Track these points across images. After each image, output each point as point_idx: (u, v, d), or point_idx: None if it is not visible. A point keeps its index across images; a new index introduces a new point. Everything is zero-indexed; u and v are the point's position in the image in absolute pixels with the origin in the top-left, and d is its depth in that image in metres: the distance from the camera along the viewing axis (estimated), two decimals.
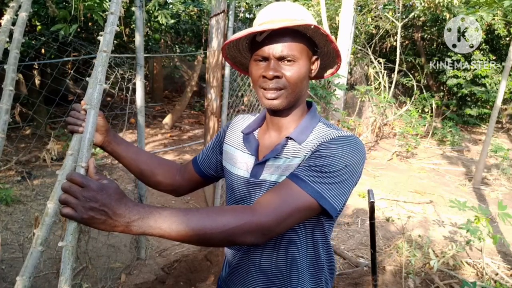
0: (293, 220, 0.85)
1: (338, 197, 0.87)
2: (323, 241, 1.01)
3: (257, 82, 0.95)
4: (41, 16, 4.68)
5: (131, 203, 0.76)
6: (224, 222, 0.78)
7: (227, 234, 0.79)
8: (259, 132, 1.07)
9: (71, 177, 0.74)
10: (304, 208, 0.85)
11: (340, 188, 0.87)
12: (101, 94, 0.89)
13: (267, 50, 0.91)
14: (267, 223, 0.81)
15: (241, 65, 1.12)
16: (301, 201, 0.84)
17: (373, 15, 8.89)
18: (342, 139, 0.91)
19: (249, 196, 1.01)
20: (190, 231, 0.77)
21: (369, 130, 7.20)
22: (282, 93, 0.93)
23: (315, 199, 0.85)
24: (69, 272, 0.73)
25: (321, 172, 0.86)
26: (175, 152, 6.16)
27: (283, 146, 0.97)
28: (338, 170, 0.87)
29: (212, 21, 3.67)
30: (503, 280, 2.85)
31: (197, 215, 0.78)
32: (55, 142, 2.75)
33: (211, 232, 0.78)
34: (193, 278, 2.77)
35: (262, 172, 0.98)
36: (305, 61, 0.94)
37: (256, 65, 0.95)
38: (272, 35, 0.91)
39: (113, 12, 0.93)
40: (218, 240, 0.79)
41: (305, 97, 1.02)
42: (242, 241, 0.81)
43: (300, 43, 0.92)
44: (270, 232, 0.83)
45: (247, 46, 1.03)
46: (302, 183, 0.85)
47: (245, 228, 0.80)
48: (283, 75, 0.92)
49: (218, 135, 1.18)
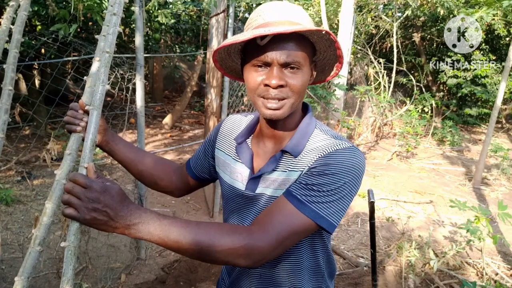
0: (290, 242, 0.84)
1: (336, 214, 0.85)
2: (323, 249, 1.00)
3: (256, 91, 0.87)
4: (41, 16, 4.68)
5: (133, 205, 0.76)
6: (221, 242, 0.78)
7: (222, 255, 0.79)
8: (252, 140, 1.02)
9: (74, 177, 0.74)
10: (301, 230, 0.84)
11: (338, 205, 0.85)
12: (103, 95, 0.89)
13: (270, 55, 0.83)
14: (263, 248, 0.81)
15: (228, 68, 1.03)
16: (298, 223, 0.83)
17: (373, 15, 8.89)
18: (340, 153, 0.86)
19: (245, 209, 0.99)
20: (186, 245, 0.77)
21: (369, 130, 7.20)
22: (285, 103, 0.87)
23: (312, 219, 0.83)
24: (71, 272, 0.73)
25: (319, 191, 0.83)
26: (175, 152, 6.15)
27: (278, 159, 0.93)
28: (336, 188, 0.84)
29: (212, 21, 3.67)
30: (503, 280, 2.85)
31: (196, 230, 0.78)
32: (55, 142, 2.75)
33: (208, 250, 0.78)
34: (193, 278, 2.77)
35: (258, 185, 0.95)
36: (308, 68, 0.89)
37: (255, 71, 0.87)
38: (276, 39, 0.83)
39: (115, 13, 0.93)
40: (212, 259, 0.80)
41: (301, 103, 0.97)
42: (235, 264, 0.81)
43: (304, 48, 0.86)
44: (265, 257, 0.82)
45: (240, 48, 0.95)
46: (299, 204, 0.83)
47: (240, 252, 0.79)
48: (287, 83, 0.85)
49: (209, 139, 1.14)
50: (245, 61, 0.91)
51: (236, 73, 1.06)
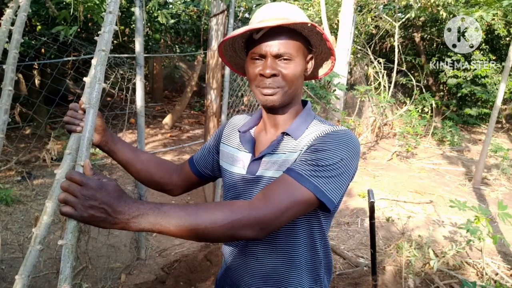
0: (292, 214, 0.85)
1: (335, 190, 0.88)
2: (321, 237, 1.01)
3: (254, 81, 0.97)
4: (41, 16, 4.69)
5: (130, 200, 0.76)
6: (223, 217, 0.79)
7: (226, 229, 0.79)
8: (255, 130, 1.09)
9: (70, 175, 0.74)
10: (302, 202, 0.85)
11: (337, 181, 0.88)
12: (100, 93, 0.89)
13: (264, 47, 0.93)
14: (265, 217, 0.82)
15: (236, 65, 1.13)
16: (299, 194, 0.85)
17: (373, 15, 8.89)
18: (336, 133, 0.93)
19: (245, 193, 1.01)
20: (189, 226, 0.77)
21: (369, 130, 7.20)
22: (279, 90, 0.95)
23: (312, 192, 0.85)
24: (69, 270, 0.73)
25: (317, 166, 0.87)
26: (175, 152, 6.16)
27: (279, 141, 0.99)
28: (333, 163, 0.88)
29: (212, 21, 3.67)
30: (503, 280, 2.85)
31: (196, 210, 0.79)
32: (55, 142, 2.75)
33: (211, 227, 0.78)
34: (193, 278, 2.77)
35: (259, 168, 0.99)
36: (301, 59, 0.96)
37: (253, 63, 0.96)
38: (269, 33, 0.92)
39: (111, 12, 0.93)
40: (217, 235, 0.80)
41: (300, 95, 1.04)
42: (241, 236, 0.81)
43: (297, 41, 0.94)
44: (269, 225, 0.83)
45: (243, 46, 1.04)
46: (299, 177, 0.86)
47: (244, 222, 0.80)
48: (280, 73, 0.93)
49: (215, 135, 1.19)
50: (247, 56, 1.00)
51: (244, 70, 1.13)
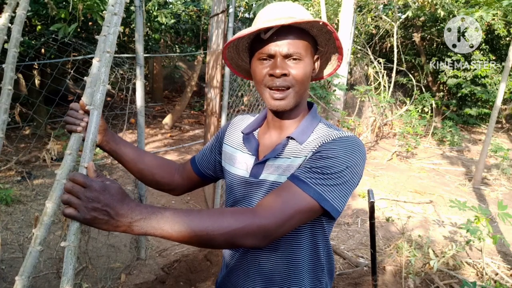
0: (295, 222, 0.84)
1: (339, 198, 0.87)
2: (324, 241, 1.00)
3: (263, 81, 0.94)
4: (41, 16, 4.68)
5: (133, 203, 0.76)
6: (225, 224, 0.78)
7: (228, 236, 0.79)
8: (259, 132, 1.07)
9: (73, 177, 0.74)
10: (306, 210, 0.84)
11: (342, 189, 0.87)
12: (104, 94, 0.89)
13: (273, 47, 0.91)
14: (268, 226, 0.81)
15: (238, 67, 1.10)
16: (303, 203, 0.84)
17: (373, 15, 8.89)
18: (343, 140, 0.91)
19: (248, 196, 1.00)
20: (191, 233, 0.77)
21: (369, 130, 7.19)
22: (289, 92, 0.93)
23: (316, 201, 0.84)
24: (71, 272, 0.73)
25: (323, 174, 0.85)
26: (175, 152, 6.15)
27: (284, 146, 0.96)
28: (339, 171, 0.86)
29: (212, 21, 3.67)
30: (503, 280, 2.85)
31: (198, 217, 0.78)
32: (55, 142, 2.75)
33: (213, 234, 0.78)
34: (193, 278, 2.77)
35: (262, 171, 0.97)
36: (309, 59, 0.94)
37: (261, 63, 0.94)
38: (278, 33, 0.90)
39: (116, 13, 0.93)
40: (219, 242, 0.79)
41: (306, 97, 1.02)
42: (243, 244, 0.81)
43: (305, 41, 0.92)
44: (271, 234, 0.82)
45: (247, 46, 1.02)
46: (304, 185, 0.85)
47: (246, 231, 0.79)
48: (290, 73, 0.91)
49: (217, 135, 1.18)
50: (252, 56, 0.98)
51: (246, 72, 1.12)
